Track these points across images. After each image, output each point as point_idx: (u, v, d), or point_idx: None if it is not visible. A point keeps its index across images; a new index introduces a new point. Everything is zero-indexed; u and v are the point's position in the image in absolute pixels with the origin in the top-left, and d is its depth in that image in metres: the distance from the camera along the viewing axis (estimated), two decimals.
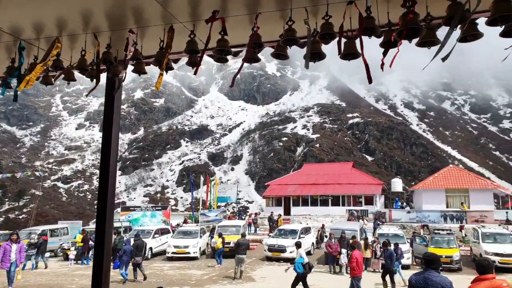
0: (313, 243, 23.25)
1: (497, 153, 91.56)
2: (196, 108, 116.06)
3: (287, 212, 38.15)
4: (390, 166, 76.79)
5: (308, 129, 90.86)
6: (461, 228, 25.60)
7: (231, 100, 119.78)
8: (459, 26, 2.76)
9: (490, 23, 2.62)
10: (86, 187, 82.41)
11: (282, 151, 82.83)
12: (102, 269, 3.49)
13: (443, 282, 4.65)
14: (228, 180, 78.26)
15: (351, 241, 15.98)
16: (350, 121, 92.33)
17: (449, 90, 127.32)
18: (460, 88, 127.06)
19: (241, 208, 59.94)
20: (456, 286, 5.26)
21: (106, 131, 3.76)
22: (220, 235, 20.05)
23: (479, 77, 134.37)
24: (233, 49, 3.53)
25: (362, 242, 17.12)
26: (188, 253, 21.17)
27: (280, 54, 3.34)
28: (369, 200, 37.21)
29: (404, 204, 36.03)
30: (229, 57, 3.58)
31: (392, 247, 14.66)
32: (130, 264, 15.31)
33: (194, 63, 3.76)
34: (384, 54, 2.96)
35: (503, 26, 2.67)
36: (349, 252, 15.86)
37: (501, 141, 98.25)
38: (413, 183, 54.96)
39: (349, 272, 13.63)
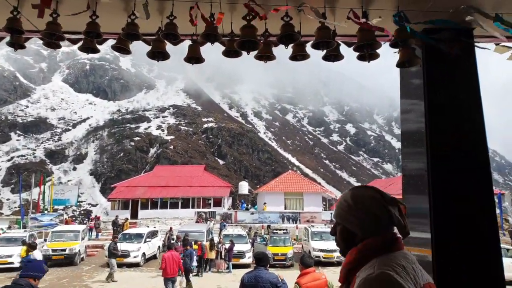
0: (159, 246, 22.69)
1: (327, 161, 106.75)
2: (34, 97, 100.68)
3: (134, 215, 36.39)
4: (239, 170, 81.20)
5: (162, 130, 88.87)
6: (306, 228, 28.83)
7: (77, 92, 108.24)
8: (290, 45, 3.07)
9: (313, 46, 2.96)
10: None
11: (133, 151, 78.81)
12: None
13: (271, 278, 5.10)
14: (68, 180, 70.19)
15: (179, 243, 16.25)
16: (205, 125, 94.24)
17: (292, 104, 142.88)
18: (301, 103, 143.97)
19: (82, 212, 54.48)
20: (289, 280, 5.73)
21: None
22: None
23: (316, 95, 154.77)
24: (69, 35, 3.15)
25: (207, 243, 17.54)
26: (12, 263, 18.00)
27: (120, 48, 3.11)
28: (218, 202, 38.59)
29: (249, 206, 38.62)
30: (66, 44, 3.19)
31: (228, 245, 15.87)
32: None
33: (18, 45, 3.20)
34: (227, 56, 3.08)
35: (325, 51, 3.04)
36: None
37: (330, 151, 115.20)
38: (258, 186, 59.32)
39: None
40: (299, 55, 3.19)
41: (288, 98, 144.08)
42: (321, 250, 19.47)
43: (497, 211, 23.03)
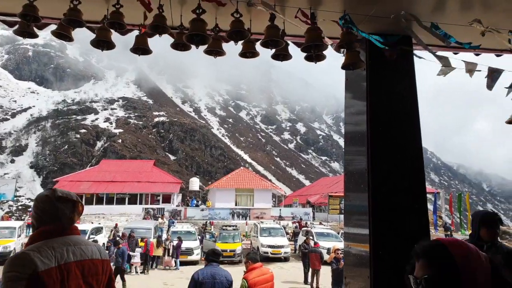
0: (104, 243, 21.79)
1: (278, 159, 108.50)
2: None
3: None
4: (191, 166, 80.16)
5: (111, 123, 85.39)
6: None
7: (17, 79, 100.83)
8: (240, 42, 3.07)
9: (262, 44, 2.98)
10: None
11: (79, 144, 74.99)
12: None
13: (226, 273, 5.07)
14: (5, 174, 65.30)
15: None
16: (156, 119, 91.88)
17: (246, 101, 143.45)
18: (254, 101, 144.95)
19: (20, 207, 50.99)
20: (236, 275, 5.74)
21: None
22: None
23: (269, 93, 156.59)
24: (4, 17, 2.95)
25: (155, 240, 17.16)
26: None
27: (62, 34, 2.93)
28: (167, 199, 37.82)
29: (200, 202, 38.27)
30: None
31: (176, 242, 15.71)
32: None
33: None
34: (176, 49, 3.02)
35: (274, 50, 3.07)
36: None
37: (282, 149, 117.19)
38: (210, 183, 58.96)
39: (138, 271, 13.40)
40: (248, 52, 3.20)
41: (242, 96, 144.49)
42: (270, 246, 19.78)
43: (432, 208, 24.65)
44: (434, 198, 26.41)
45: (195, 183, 42.40)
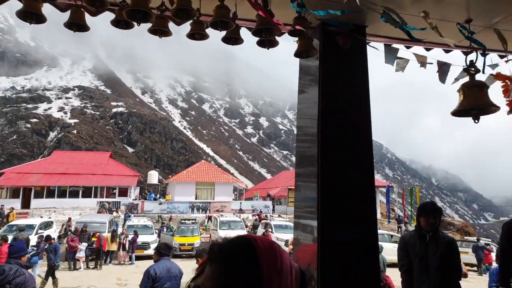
0: (53, 238, 20.72)
1: (241, 153, 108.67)
2: None
3: (26, 205, 32.72)
4: (150, 158, 78.34)
5: (65, 113, 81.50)
6: (210, 217, 28.80)
7: None
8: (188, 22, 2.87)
9: (211, 25, 2.80)
10: None
11: (29, 134, 70.97)
12: None
13: (178, 266, 5.07)
14: None
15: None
16: (114, 110, 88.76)
17: (209, 94, 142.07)
18: (218, 94, 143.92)
19: None
20: (191, 270, 5.62)
21: None
22: None
23: (233, 87, 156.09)
24: None
25: (109, 234, 16.52)
26: None
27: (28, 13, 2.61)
28: (124, 192, 36.62)
29: (158, 196, 37.42)
30: None
31: (132, 236, 15.29)
32: None
33: None
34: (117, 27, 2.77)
35: (225, 32, 2.90)
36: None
37: (244, 143, 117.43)
38: (170, 176, 57.92)
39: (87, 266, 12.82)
40: (197, 33, 3.00)
41: (205, 88, 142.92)
42: None
43: (383, 201, 25.64)
44: (387, 192, 27.49)
45: (154, 176, 41.39)
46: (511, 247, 3.30)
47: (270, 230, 18.92)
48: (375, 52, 3.61)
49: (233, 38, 3.05)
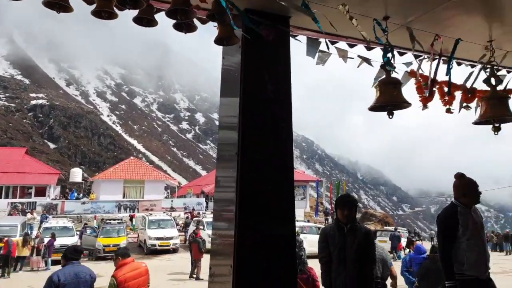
0: None
1: (175, 149, 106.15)
2: None
3: None
4: (74, 155, 73.22)
5: None
6: (132, 217, 27.57)
7: None
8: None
9: (118, 2, 2.49)
10: None
11: None
12: None
13: (90, 271, 4.71)
14: None
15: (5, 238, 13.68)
16: (33, 102, 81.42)
17: (141, 87, 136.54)
18: (151, 88, 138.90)
19: None
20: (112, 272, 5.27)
21: None
22: None
23: (168, 81, 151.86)
24: None
25: (20, 238, 14.95)
26: None
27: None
28: (42, 191, 33.60)
29: (82, 195, 34.99)
30: None
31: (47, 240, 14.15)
32: None
33: None
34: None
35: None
36: None
37: (179, 139, 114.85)
38: (97, 174, 54.67)
39: None
40: (103, 11, 2.66)
41: (137, 81, 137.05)
42: (158, 238, 19.13)
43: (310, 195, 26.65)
44: (317, 186, 28.64)
45: (77, 174, 38.63)
46: (451, 239, 3.38)
47: (201, 227, 18.59)
48: (298, 41, 3.53)
49: (145, 19, 2.75)
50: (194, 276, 12.98)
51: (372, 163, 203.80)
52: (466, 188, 3.45)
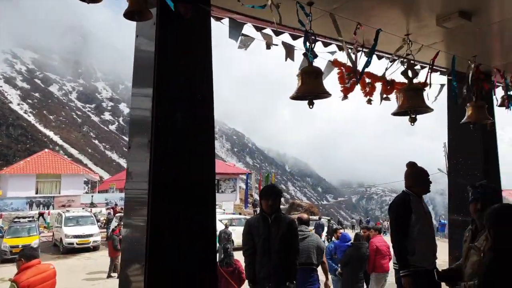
0: None
1: (97, 141, 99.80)
2: None
3: None
4: None
5: None
6: (41, 214, 25.46)
7: None
8: None
9: None
10: None
11: None
12: None
13: None
14: None
15: None
16: None
17: (58, 74, 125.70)
18: (69, 75, 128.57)
19: None
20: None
21: None
22: None
23: (88, 67, 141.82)
24: None
25: None
26: None
27: None
28: None
29: None
30: None
31: None
32: None
33: None
34: None
35: None
36: None
37: (101, 130, 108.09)
38: (4, 168, 49.25)
39: None
40: None
41: (53, 67, 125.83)
42: (76, 236, 17.81)
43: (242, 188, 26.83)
44: (246, 178, 28.88)
45: None
46: (404, 227, 3.32)
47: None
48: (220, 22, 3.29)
49: None
50: (113, 275, 12.25)
51: (299, 156, 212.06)
52: (417, 177, 3.47)
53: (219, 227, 15.16)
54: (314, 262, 4.79)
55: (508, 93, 4.48)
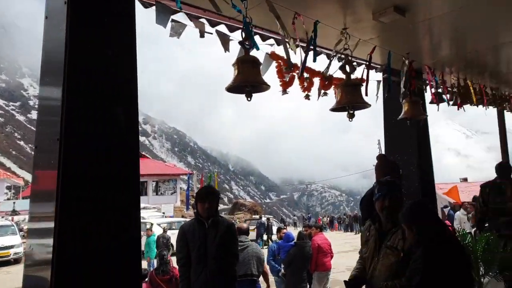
0: None
1: (22, 142, 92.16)
2: None
3: None
4: None
5: None
6: None
7: None
8: None
9: None
10: None
11: None
12: None
13: None
14: None
15: None
16: None
17: None
18: None
19: None
20: None
21: None
22: None
23: (12, 63, 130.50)
24: None
25: None
26: None
27: None
28: None
29: None
30: None
31: None
32: None
33: None
34: None
35: None
36: None
37: (27, 131, 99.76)
38: None
39: None
40: None
41: None
42: None
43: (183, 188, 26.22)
44: (188, 179, 28.27)
45: None
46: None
47: None
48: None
49: None
50: None
51: (242, 154, 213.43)
52: (387, 169, 3.41)
53: (158, 231, 14.52)
54: (255, 273, 4.69)
55: (438, 90, 4.65)
